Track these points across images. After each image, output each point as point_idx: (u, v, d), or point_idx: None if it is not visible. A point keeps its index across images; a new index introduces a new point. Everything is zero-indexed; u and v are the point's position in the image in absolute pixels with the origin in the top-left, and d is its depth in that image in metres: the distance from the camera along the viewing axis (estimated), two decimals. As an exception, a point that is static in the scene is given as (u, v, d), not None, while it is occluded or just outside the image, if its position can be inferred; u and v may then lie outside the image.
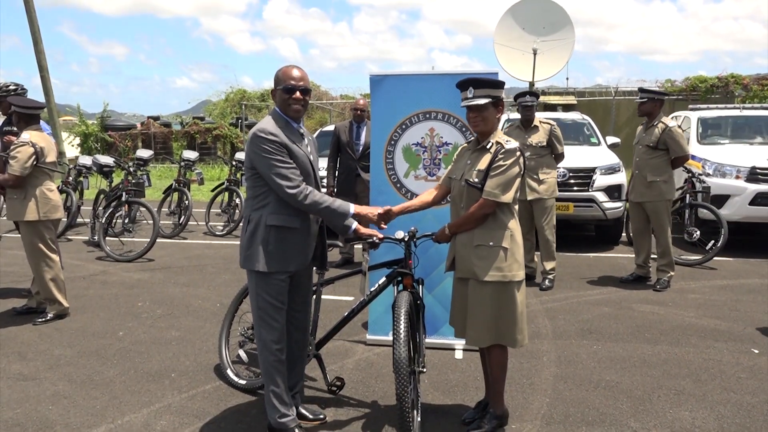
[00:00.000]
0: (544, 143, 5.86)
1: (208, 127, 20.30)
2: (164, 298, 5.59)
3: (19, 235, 4.93)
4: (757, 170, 7.11)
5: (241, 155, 8.71)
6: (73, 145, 19.57)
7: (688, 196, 7.06)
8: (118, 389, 3.66)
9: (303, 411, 3.22)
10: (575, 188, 7.25)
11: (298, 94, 2.89)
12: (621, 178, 7.43)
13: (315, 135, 9.21)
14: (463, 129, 4.18)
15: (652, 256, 6.00)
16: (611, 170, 7.39)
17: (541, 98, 13.21)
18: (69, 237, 8.60)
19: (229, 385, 3.69)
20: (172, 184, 8.96)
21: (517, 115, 6.37)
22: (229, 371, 3.72)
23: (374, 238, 3.11)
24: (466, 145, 3.23)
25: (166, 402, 3.50)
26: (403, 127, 4.30)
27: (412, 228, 3.25)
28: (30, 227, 4.82)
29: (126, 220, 7.70)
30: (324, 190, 3.62)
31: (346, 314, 3.43)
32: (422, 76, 4.36)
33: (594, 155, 7.69)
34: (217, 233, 8.68)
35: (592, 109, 14.28)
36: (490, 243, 2.93)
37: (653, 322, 4.84)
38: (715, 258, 6.66)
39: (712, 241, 6.62)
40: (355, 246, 6.79)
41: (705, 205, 6.90)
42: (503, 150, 2.92)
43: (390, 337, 2.97)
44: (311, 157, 3.00)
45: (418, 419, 3.06)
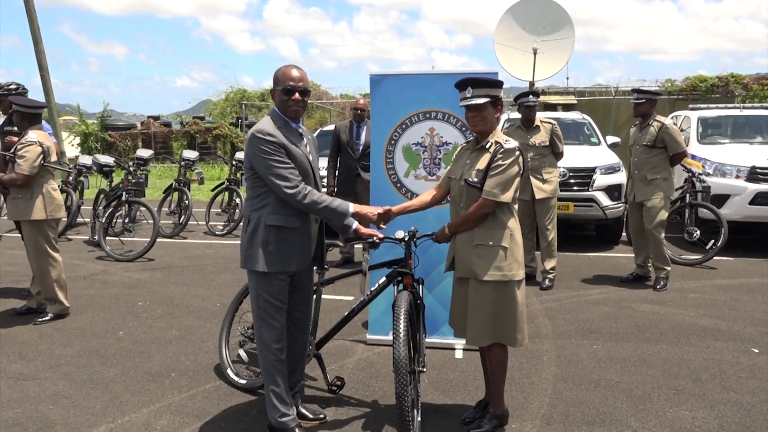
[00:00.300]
0: (547, 143, 5.88)
1: (208, 126, 20.30)
2: (164, 297, 5.59)
3: (19, 235, 4.92)
4: (757, 170, 7.11)
5: (241, 155, 8.71)
6: (73, 145, 19.58)
7: (688, 195, 7.06)
8: (118, 389, 3.66)
9: (303, 410, 3.22)
10: (575, 188, 7.25)
11: (297, 95, 2.88)
12: (621, 177, 7.43)
13: (315, 135, 9.20)
14: (463, 129, 4.18)
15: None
16: (611, 170, 7.39)
17: (541, 98, 13.21)
18: (69, 237, 8.60)
19: (230, 384, 3.69)
20: (172, 184, 8.96)
21: (516, 115, 6.37)
22: (229, 371, 3.72)
23: (374, 238, 3.11)
24: (465, 144, 3.23)
25: (166, 402, 3.50)
26: (403, 126, 4.30)
27: (412, 228, 3.25)
28: (35, 226, 4.81)
29: (126, 220, 7.71)
30: (324, 190, 3.62)
31: (346, 314, 3.44)
32: (422, 76, 4.36)
33: (594, 155, 7.70)
34: (217, 233, 8.69)
35: (592, 109, 14.27)
36: (490, 242, 2.93)
37: (653, 322, 4.84)
38: (715, 257, 6.66)
39: (712, 241, 6.62)
40: (356, 246, 6.79)
41: (705, 205, 6.91)
42: (502, 149, 2.93)
43: (390, 337, 2.97)
44: (310, 157, 2.99)
45: (418, 419, 3.06)
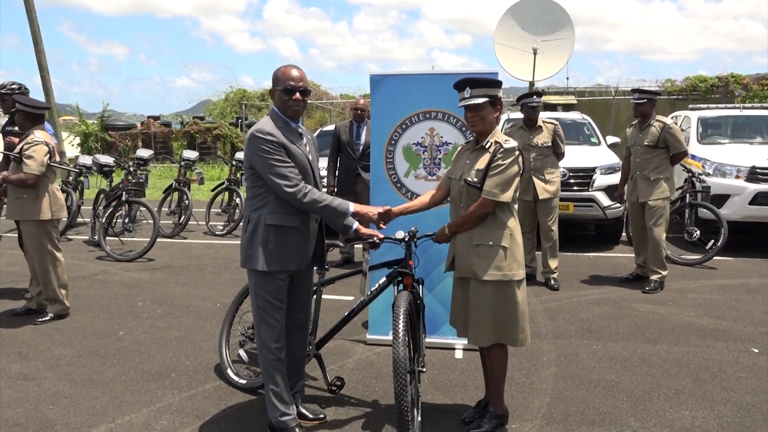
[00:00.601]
0: (549, 143, 5.88)
1: (208, 126, 20.29)
2: (164, 297, 5.59)
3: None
4: (757, 170, 7.12)
5: (241, 155, 8.71)
6: (73, 145, 19.58)
7: (688, 195, 7.07)
8: (118, 389, 3.66)
9: (303, 410, 3.22)
10: (575, 188, 7.25)
11: (297, 95, 2.88)
12: None
13: (315, 135, 9.20)
14: (463, 129, 4.18)
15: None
16: (611, 170, 7.39)
17: (543, 98, 13.20)
18: (69, 237, 8.60)
19: (230, 384, 3.69)
20: (172, 184, 8.96)
21: (517, 115, 6.37)
22: (229, 371, 3.72)
23: (375, 238, 3.11)
24: (465, 144, 3.23)
25: (167, 402, 3.50)
26: (403, 126, 4.30)
27: (413, 228, 3.25)
28: (39, 227, 4.79)
29: (126, 220, 7.71)
30: (324, 190, 3.62)
31: (346, 314, 3.44)
32: (422, 76, 4.35)
33: (594, 155, 7.71)
34: (217, 233, 8.69)
35: (592, 109, 14.28)
36: (490, 242, 2.93)
37: (653, 322, 4.84)
38: (715, 257, 6.66)
39: (712, 241, 6.62)
40: (356, 246, 6.79)
41: (705, 205, 6.91)
42: (502, 149, 2.93)
43: (390, 337, 2.97)
44: (310, 157, 2.99)
45: (418, 419, 3.06)
